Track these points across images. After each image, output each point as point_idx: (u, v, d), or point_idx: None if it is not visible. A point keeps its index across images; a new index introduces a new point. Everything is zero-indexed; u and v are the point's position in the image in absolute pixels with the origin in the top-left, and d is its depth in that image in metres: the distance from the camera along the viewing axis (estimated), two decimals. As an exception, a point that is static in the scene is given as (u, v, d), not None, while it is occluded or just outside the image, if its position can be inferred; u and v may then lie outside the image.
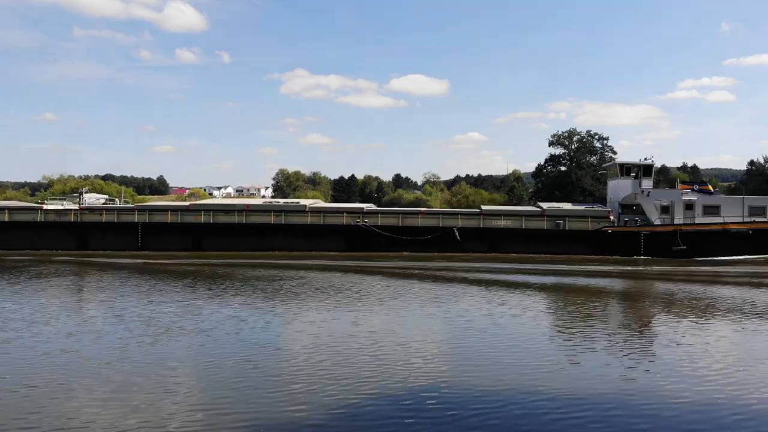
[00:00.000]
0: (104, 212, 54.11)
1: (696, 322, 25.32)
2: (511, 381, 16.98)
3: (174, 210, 54.24)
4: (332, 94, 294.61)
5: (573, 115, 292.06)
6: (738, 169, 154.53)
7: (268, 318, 25.58)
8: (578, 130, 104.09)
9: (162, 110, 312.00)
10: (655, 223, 51.96)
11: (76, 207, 55.33)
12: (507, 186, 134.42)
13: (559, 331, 24.01)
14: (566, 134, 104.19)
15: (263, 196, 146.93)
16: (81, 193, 58.39)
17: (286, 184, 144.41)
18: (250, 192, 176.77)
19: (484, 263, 46.77)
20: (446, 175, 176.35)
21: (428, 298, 30.64)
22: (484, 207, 60.65)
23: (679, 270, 44.02)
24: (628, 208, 54.56)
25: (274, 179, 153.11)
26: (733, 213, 51.66)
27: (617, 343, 21.99)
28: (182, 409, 14.59)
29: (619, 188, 55.68)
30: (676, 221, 51.76)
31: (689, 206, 52.14)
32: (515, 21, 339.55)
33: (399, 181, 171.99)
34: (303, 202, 62.72)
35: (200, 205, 58.25)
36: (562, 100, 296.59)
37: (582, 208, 56.02)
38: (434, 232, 52.10)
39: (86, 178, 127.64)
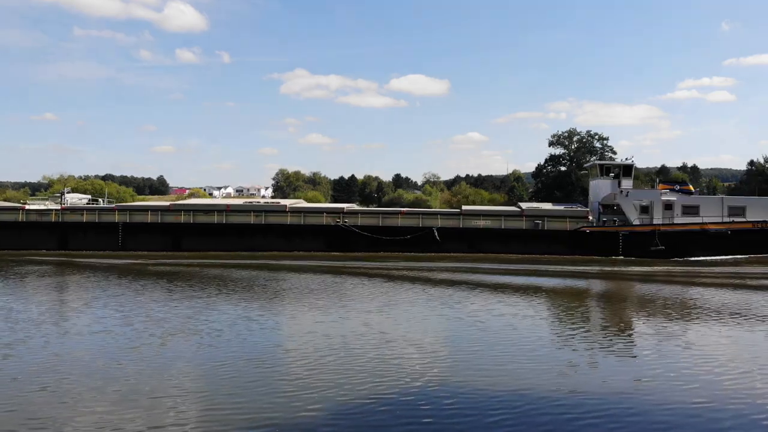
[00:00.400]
0: (85, 212, 54.45)
1: (701, 324, 25.02)
2: (528, 382, 16.83)
3: (154, 210, 54.43)
4: (332, 94, 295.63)
5: (573, 115, 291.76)
6: (738, 169, 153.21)
7: (277, 319, 25.65)
8: (578, 130, 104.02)
9: (162, 110, 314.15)
10: (633, 223, 51.57)
11: (58, 207, 55.84)
12: (507, 186, 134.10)
13: (568, 333, 23.68)
14: (566, 134, 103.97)
15: (263, 196, 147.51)
16: (63, 193, 58.88)
17: (286, 184, 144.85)
18: (250, 192, 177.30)
19: (463, 263, 46.42)
20: (446, 175, 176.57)
21: (432, 299, 30.45)
22: (464, 207, 60.41)
23: (659, 270, 43.43)
24: (608, 208, 54.34)
25: (274, 179, 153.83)
26: (713, 213, 51.14)
27: (629, 344, 21.94)
28: (195, 410, 14.57)
29: (599, 188, 55.49)
30: (655, 221, 51.30)
31: (668, 206, 51.65)
32: (515, 21, 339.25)
33: (399, 181, 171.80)
34: (283, 202, 62.77)
35: (180, 205, 58.49)
36: (562, 100, 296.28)
37: (561, 208, 55.68)
38: (414, 232, 52.01)
39: (86, 178, 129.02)
